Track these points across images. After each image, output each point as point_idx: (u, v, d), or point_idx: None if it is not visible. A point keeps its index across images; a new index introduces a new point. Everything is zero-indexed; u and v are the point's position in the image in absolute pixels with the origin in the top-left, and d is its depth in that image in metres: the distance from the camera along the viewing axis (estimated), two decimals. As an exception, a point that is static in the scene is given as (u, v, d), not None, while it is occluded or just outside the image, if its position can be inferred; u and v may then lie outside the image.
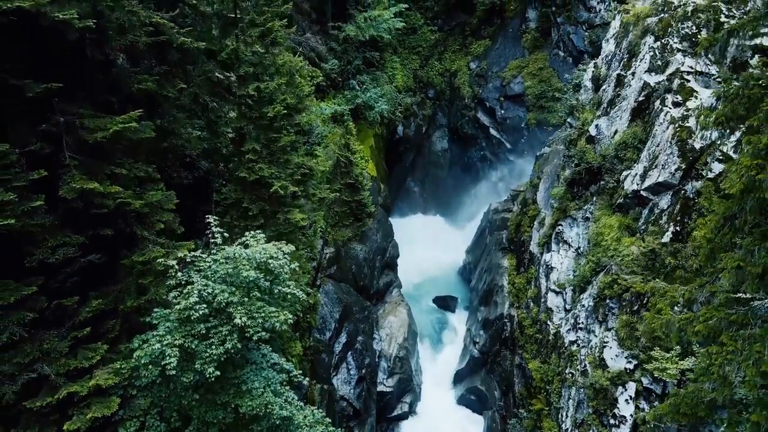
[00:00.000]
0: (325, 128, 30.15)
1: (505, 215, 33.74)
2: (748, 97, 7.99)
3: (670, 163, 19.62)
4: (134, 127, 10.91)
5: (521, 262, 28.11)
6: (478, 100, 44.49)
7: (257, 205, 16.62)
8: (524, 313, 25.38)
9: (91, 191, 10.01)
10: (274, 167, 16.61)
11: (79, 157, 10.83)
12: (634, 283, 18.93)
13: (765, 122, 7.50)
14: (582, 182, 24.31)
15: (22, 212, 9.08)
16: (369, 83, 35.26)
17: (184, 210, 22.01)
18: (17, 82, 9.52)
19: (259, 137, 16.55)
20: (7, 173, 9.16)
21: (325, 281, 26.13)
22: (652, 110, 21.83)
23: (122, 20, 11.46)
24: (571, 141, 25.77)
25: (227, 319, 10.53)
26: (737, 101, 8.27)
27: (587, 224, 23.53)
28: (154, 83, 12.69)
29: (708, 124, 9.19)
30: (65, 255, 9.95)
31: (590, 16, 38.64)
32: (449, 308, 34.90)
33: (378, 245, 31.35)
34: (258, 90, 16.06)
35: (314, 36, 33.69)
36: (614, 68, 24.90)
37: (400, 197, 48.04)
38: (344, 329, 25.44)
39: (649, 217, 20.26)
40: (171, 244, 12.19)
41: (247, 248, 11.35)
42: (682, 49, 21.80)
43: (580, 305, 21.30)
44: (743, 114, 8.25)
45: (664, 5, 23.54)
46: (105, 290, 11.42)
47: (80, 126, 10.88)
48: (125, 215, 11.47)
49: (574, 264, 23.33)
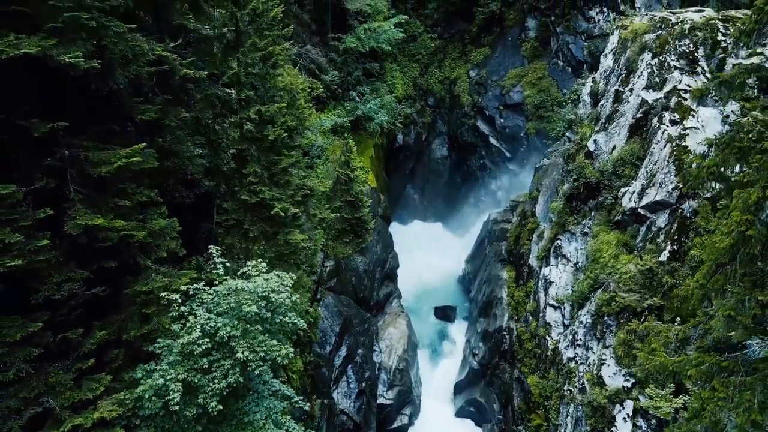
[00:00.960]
0: (325, 141, 30.41)
1: (504, 226, 33.93)
2: (739, 148, 8.15)
3: (667, 182, 19.79)
4: (138, 161, 11.07)
5: (520, 275, 28.27)
6: (478, 108, 44.65)
7: (258, 227, 16.78)
8: (523, 327, 25.55)
9: (96, 227, 10.17)
10: (275, 189, 16.77)
11: (83, 191, 10.99)
12: (632, 301, 19.10)
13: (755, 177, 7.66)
14: (580, 197, 24.48)
15: (28, 251, 9.25)
16: (369, 94, 35.45)
17: (185, 226, 22.20)
18: (23, 122, 9.68)
19: (260, 159, 16.71)
20: (14, 212, 9.32)
21: (326, 294, 26.31)
22: (649, 127, 22.00)
23: (126, 53, 11.62)
24: (570, 155, 25.93)
25: (229, 352, 10.70)
26: (728, 151, 8.43)
27: (586, 239, 23.71)
28: (156, 113, 12.85)
29: (700, 174, 9.34)
30: (70, 290, 10.11)
31: (589, 27, 38.80)
32: (449, 318, 35.07)
33: (378, 257, 31.54)
34: (259, 113, 16.22)
35: (314, 48, 33.87)
36: (612, 84, 25.06)
37: (400, 204, 48.23)
38: (344, 342, 25.60)
39: (646, 234, 20.42)
40: (174, 273, 12.34)
41: (249, 278, 11.51)
42: (679, 67, 21.97)
43: (578, 321, 21.46)
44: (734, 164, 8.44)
45: (662, 22, 23.71)
46: (108, 320, 11.58)
47: (84, 159, 11.04)
48: (129, 246, 11.63)
49: (572, 279, 23.49)
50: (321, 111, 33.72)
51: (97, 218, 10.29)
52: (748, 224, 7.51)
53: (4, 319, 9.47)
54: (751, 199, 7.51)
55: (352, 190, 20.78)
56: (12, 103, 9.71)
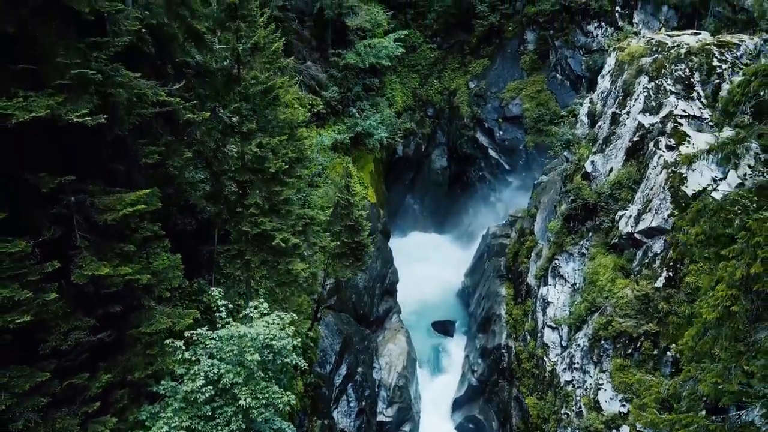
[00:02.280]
0: (326, 158, 30.68)
1: (503, 241, 34.19)
2: (726, 218, 8.41)
3: (663, 208, 20.05)
4: (142, 208, 11.33)
5: (519, 293, 28.53)
6: (477, 120, 44.89)
7: (259, 257, 17.04)
8: (521, 346, 25.81)
9: (102, 276, 10.43)
10: (275, 219, 17.02)
11: (89, 237, 11.25)
12: (628, 327, 19.36)
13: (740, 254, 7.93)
14: (578, 218, 24.72)
15: (36, 305, 9.50)
16: (369, 110, 35.70)
17: (186, 250, 22.45)
18: (31, 177, 9.94)
19: (261, 190, 16.96)
20: (22, 266, 9.57)
21: (326, 313, 26.57)
22: (646, 151, 22.26)
23: (131, 98, 11.89)
24: (567, 175, 26.18)
25: (232, 399, 10.95)
26: (716, 218, 8.69)
27: (583, 260, 23.96)
28: (160, 154, 13.11)
29: (689, 241, 9.59)
30: (77, 339, 10.37)
31: (587, 41, 39.06)
32: (448, 333, 35.33)
33: (378, 272, 31.80)
34: (260, 145, 16.47)
35: (315, 64, 34.12)
36: (609, 105, 25.31)
37: (400, 215, 48.46)
38: (344, 361, 25.86)
39: (643, 259, 20.68)
40: (177, 313, 12.60)
41: (251, 322, 11.76)
42: (675, 92, 22.23)
43: (575, 344, 21.72)
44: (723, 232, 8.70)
45: (658, 46, 23.97)
46: (113, 361, 11.83)
47: (90, 205, 11.30)
48: (133, 289, 11.89)
49: (570, 300, 23.74)
50: (321, 127, 34.00)
51: (103, 267, 10.54)
52: (733, 299, 7.78)
53: (13, 370, 9.72)
54: (736, 275, 7.79)
55: (352, 214, 21.04)
56: (19, 158, 9.97)
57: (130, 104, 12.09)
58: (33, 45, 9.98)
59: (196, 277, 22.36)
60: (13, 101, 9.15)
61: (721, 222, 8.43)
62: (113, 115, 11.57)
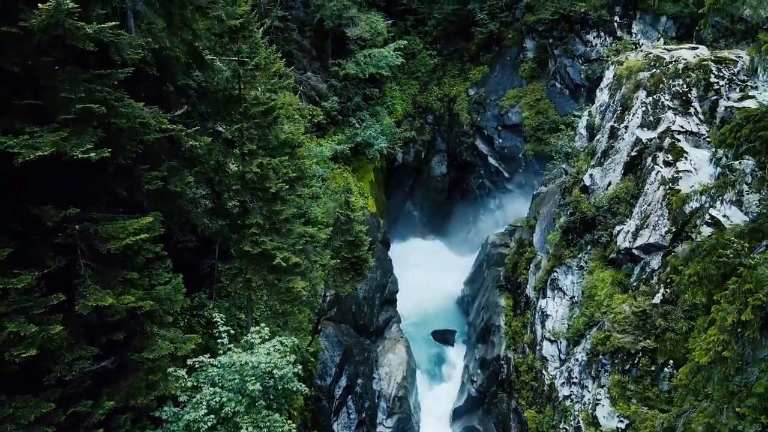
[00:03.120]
0: (326, 169, 30.84)
1: (502, 250, 34.36)
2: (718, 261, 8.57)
3: (660, 225, 20.21)
4: (145, 237, 11.49)
5: (518, 304, 28.69)
6: (477, 127, 45.06)
7: (260, 276, 17.20)
8: (520, 358, 25.96)
9: (106, 307, 10.59)
10: (276, 237, 17.18)
11: (93, 265, 11.42)
12: (626, 343, 19.52)
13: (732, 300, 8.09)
14: (577, 231, 24.89)
15: (41, 338, 9.66)
16: (369, 119, 35.85)
17: (187, 265, 22.59)
18: (37, 211, 10.10)
19: (262, 210, 17.12)
20: (27, 299, 9.73)
21: (326, 324, 26.73)
22: (644, 166, 22.41)
23: (134, 126, 12.05)
24: (566, 188, 26.35)
25: (234, 428, 11.12)
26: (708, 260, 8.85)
27: (582, 273, 24.11)
28: (162, 179, 13.27)
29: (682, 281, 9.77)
30: (81, 369, 10.53)
31: (586, 50, 39.22)
32: (448, 342, 35.49)
33: (378, 282, 31.96)
34: (261, 166, 16.63)
35: (315, 74, 34.29)
36: (608, 119, 25.47)
37: (400, 221, 48.64)
38: (344, 373, 26.02)
39: (641, 275, 20.84)
40: (179, 337, 12.75)
41: (253, 347, 11.92)
42: (673, 107, 22.39)
43: (574, 359, 21.88)
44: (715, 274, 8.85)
45: (656, 60, 24.13)
46: (116, 387, 11.99)
47: (94, 233, 11.46)
48: (135, 315, 12.05)
49: (568, 313, 23.90)
50: (321, 137, 34.17)
51: (107, 297, 10.69)
52: (724, 344, 7.94)
53: (18, 401, 9.89)
54: (728, 320, 7.95)
55: (352, 229, 21.21)
56: (24, 192, 10.13)
57: (133, 132, 12.26)
58: (38, 80, 10.14)
59: (196, 291, 22.55)
60: (19, 138, 9.30)
61: (714, 264, 8.60)
62: (116, 144, 11.74)
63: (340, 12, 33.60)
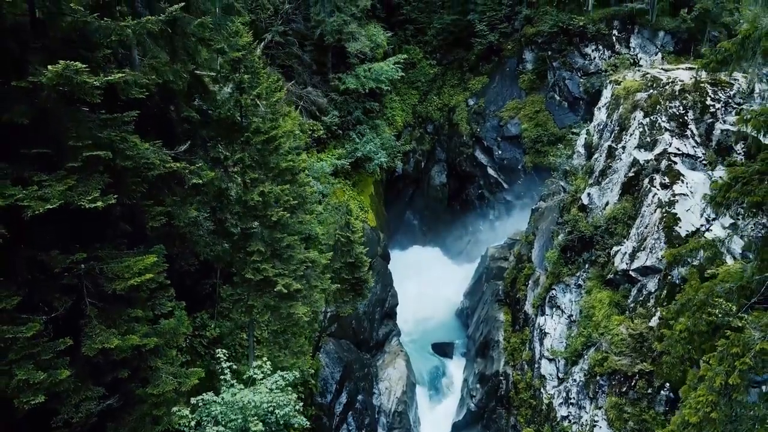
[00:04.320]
0: (326, 185, 31.08)
1: (501, 264, 34.60)
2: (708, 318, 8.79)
3: (657, 248, 20.44)
4: (150, 277, 11.73)
5: (516, 320, 28.92)
6: (476, 138, 45.28)
7: (261, 302, 17.44)
8: (519, 375, 26.20)
9: (111, 349, 10.83)
10: (278, 264, 17.41)
11: (98, 304, 11.66)
12: (623, 365, 19.76)
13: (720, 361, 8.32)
14: (575, 249, 25.13)
15: (50, 384, 9.90)
16: (369, 133, 36.09)
17: (188, 286, 22.80)
18: (44, 257, 10.34)
19: (263, 236, 17.36)
20: (36, 345, 9.97)
21: (326, 341, 26.95)
22: (641, 188, 22.65)
23: (138, 167, 12.29)
24: (564, 206, 26.59)
25: (237, 467, 11.39)
26: (699, 315, 9.08)
27: (580, 291, 24.35)
28: (166, 215, 13.51)
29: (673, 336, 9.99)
30: (88, 411, 10.76)
31: (585, 63, 39.45)
32: (447, 355, 35.72)
33: (378, 297, 32.18)
34: (262, 194, 16.86)
35: (315, 89, 34.53)
36: (606, 138, 25.71)
37: (400, 230, 48.91)
38: (345, 389, 26.25)
39: (638, 297, 21.07)
40: (182, 372, 12.98)
41: (254, 384, 12.16)
42: (669, 129, 22.63)
43: (571, 379, 22.11)
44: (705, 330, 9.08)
45: (653, 81, 24.38)
46: (121, 421, 12.23)
47: (99, 273, 11.70)
48: (140, 352, 12.28)
49: (567, 332, 24.13)
50: (321, 151, 34.42)
51: (113, 339, 10.92)
52: (713, 405, 8.18)
53: (27, 443, 10.14)
54: (716, 382, 8.19)
55: (352, 251, 21.44)
56: (32, 239, 10.37)
57: (137, 171, 12.50)
58: (45, 129, 10.37)
59: (198, 310, 22.79)
60: (28, 190, 9.54)
61: (704, 321, 8.82)
62: (121, 185, 12.00)
63: (340, 27, 33.84)
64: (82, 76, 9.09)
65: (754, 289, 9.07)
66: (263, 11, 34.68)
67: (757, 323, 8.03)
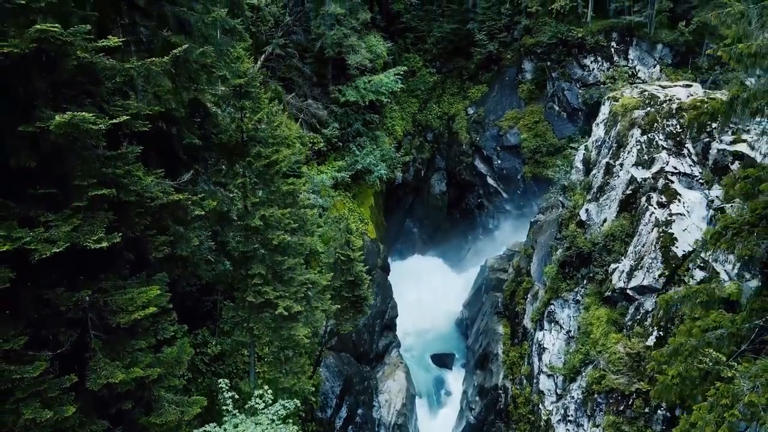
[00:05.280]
0: (326, 199, 31.28)
1: (500, 275, 34.82)
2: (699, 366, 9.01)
3: (654, 268, 20.64)
4: (153, 311, 11.93)
5: (515, 333, 29.13)
6: (476, 147, 45.52)
7: (262, 324, 17.64)
8: (518, 389, 26.40)
9: (116, 383, 11.02)
10: (279, 287, 17.61)
11: (103, 336, 11.86)
12: (620, 384, 19.96)
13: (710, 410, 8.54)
14: (573, 264, 25.31)
15: (56, 421, 10.10)
16: (369, 145, 36.29)
17: (189, 304, 22.96)
18: (50, 295, 10.54)
19: (264, 259, 17.56)
20: (42, 383, 10.16)
21: (326, 354, 27.15)
22: (638, 206, 22.84)
23: (142, 200, 12.49)
24: (563, 222, 26.79)
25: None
26: (690, 361, 9.29)
27: (578, 307, 24.54)
28: (169, 245, 13.71)
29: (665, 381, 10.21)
30: (93, 446, 10.97)
31: (584, 74, 39.67)
32: (446, 366, 35.94)
33: (378, 309, 32.37)
34: (264, 218, 17.07)
35: (315, 102, 34.73)
36: (604, 155, 25.90)
37: (400, 238, 49.13)
38: (345, 403, 26.44)
39: (635, 315, 21.28)
40: (185, 401, 13.18)
41: (256, 414, 12.38)
42: (667, 147, 22.83)
43: (569, 396, 22.31)
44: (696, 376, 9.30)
45: (651, 99, 24.57)
46: (125, 450, 12.43)
47: (103, 305, 11.90)
48: (144, 383, 12.47)
49: (565, 347, 24.33)
50: (321, 164, 34.63)
51: (118, 373, 11.11)
52: None
53: (33, 478, 10.31)
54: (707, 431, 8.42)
55: (352, 269, 21.63)
56: (38, 278, 10.57)
57: (141, 203, 12.70)
58: (51, 169, 10.57)
59: (199, 327, 22.98)
60: (35, 232, 9.73)
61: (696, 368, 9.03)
62: (126, 219, 12.20)
63: (340, 40, 34.05)
64: (89, 124, 9.29)
65: (744, 336, 9.28)
66: (264, 23, 34.92)
67: (746, 373, 8.22)
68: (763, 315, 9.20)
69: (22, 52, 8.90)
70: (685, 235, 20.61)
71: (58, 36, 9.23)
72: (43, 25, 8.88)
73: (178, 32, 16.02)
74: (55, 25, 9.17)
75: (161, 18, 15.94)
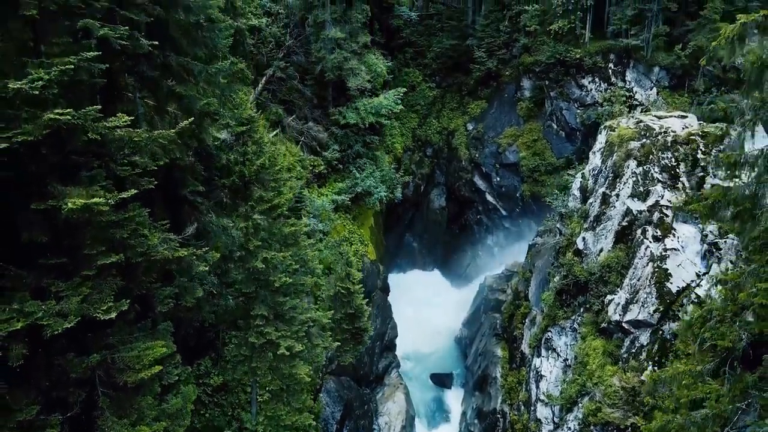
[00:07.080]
0: (326, 222, 31.65)
1: (499, 296, 35.20)
2: None
3: (649, 303, 21.01)
4: (159, 369, 12.30)
5: (513, 357, 29.50)
6: (475, 163, 45.83)
7: (264, 363, 18.01)
8: (516, 415, 26.77)
9: (124, 443, 11.41)
10: (280, 326, 17.98)
11: (110, 393, 12.23)
12: (616, 418, 20.33)
13: None
14: (570, 292, 25.69)
15: (67, 485, 10.50)
16: (368, 166, 36.64)
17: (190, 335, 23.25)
18: (61, 361, 10.92)
19: (266, 301, 17.93)
20: (54, 446, 10.57)
21: (327, 379, 27.52)
22: (634, 238, 23.21)
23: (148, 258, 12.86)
24: (560, 249, 27.16)
25: None
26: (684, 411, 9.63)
27: (575, 335, 24.91)
28: (174, 297, 14.09)
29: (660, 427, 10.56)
30: (103, 505, 11.35)
31: (582, 94, 40.02)
32: (446, 385, 36.29)
33: (378, 331, 32.72)
34: (265, 261, 17.44)
35: (316, 124, 35.10)
36: (600, 184, 26.27)
37: (400, 253, 49.47)
38: (345, 428, 26.81)
39: (630, 348, 21.64)
40: (190, 450, 13.56)
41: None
42: (662, 180, 23.20)
43: (566, 426, 22.68)
44: None
45: (646, 130, 24.94)
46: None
47: (111, 362, 12.27)
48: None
49: (562, 375, 24.70)
50: (322, 186, 35.00)
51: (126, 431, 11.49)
52: None
53: None
54: None
55: (352, 302, 22.00)
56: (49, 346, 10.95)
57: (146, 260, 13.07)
58: (61, 241, 10.95)
59: (202, 357, 23.32)
60: (46, 305, 10.11)
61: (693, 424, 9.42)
62: (133, 279, 12.59)
63: (340, 64, 34.40)
64: (101, 206, 9.66)
65: (728, 417, 9.62)
66: (264, 45, 35.29)
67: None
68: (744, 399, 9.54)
69: (36, 139, 9.28)
70: (680, 270, 20.98)
71: (70, 121, 9.60)
72: (56, 113, 9.24)
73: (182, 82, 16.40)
74: (66, 111, 9.54)
75: (165, 68, 16.33)
